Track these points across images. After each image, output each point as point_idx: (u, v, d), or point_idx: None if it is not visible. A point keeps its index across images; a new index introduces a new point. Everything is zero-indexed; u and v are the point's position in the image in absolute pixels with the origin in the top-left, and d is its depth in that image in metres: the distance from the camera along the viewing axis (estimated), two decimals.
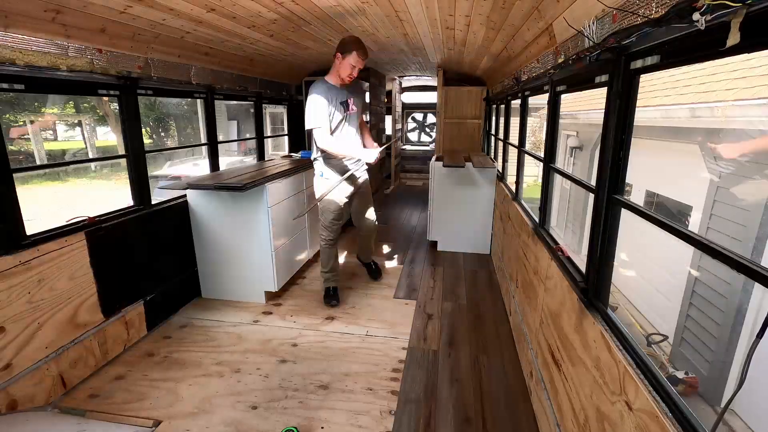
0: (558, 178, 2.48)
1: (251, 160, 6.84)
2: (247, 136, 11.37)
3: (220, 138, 6.87)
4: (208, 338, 2.79)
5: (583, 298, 1.50)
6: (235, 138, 11.72)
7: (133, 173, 2.73)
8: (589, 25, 1.48)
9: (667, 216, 1.39)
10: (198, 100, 3.49)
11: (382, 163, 7.66)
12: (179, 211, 3.13)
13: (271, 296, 3.33)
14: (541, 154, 2.44)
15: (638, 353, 1.15)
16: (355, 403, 2.17)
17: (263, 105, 4.58)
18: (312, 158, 3.07)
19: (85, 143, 11.62)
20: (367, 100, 2.91)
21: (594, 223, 1.47)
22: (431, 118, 11.24)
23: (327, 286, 3.26)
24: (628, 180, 1.37)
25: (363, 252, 3.69)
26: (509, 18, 2.36)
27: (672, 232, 1.04)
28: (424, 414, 2.12)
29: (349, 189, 3.11)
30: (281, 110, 6.17)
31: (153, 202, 2.87)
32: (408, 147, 10.59)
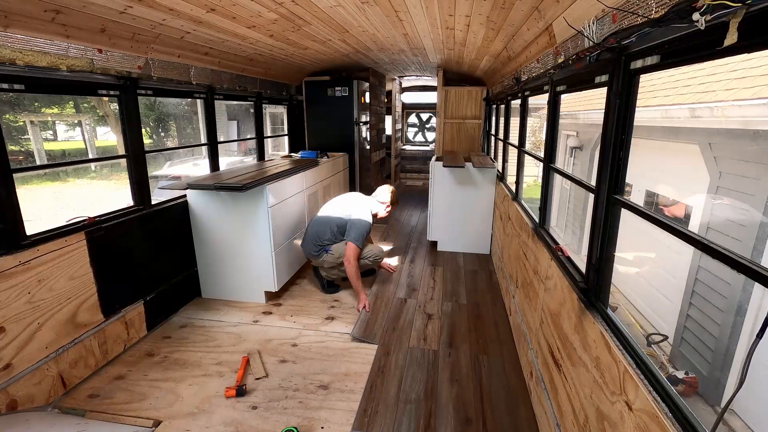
0: (558, 178, 2.48)
1: (251, 160, 6.84)
2: (247, 136, 11.37)
3: (220, 138, 6.88)
4: (208, 338, 2.79)
5: (583, 298, 1.50)
6: (235, 138, 11.73)
7: (133, 173, 2.73)
8: (589, 25, 1.49)
9: (666, 216, 1.39)
10: (198, 100, 3.50)
11: (383, 162, 7.66)
12: (179, 211, 3.13)
13: (271, 296, 3.34)
14: (541, 154, 2.44)
15: (638, 353, 1.15)
16: (355, 403, 2.17)
17: (263, 105, 4.59)
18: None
19: (85, 143, 11.62)
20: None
21: (594, 223, 1.47)
22: (430, 118, 11.23)
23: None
24: (628, 180, 1.37)
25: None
26: (509, 18, 2.36)
27: (672, 232, 1.04)
28: (424, 414, 2.12)
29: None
30: (281, 110, 6.18)
31: (153, 202, 2.87)
32: (408, 147, 10.59)
